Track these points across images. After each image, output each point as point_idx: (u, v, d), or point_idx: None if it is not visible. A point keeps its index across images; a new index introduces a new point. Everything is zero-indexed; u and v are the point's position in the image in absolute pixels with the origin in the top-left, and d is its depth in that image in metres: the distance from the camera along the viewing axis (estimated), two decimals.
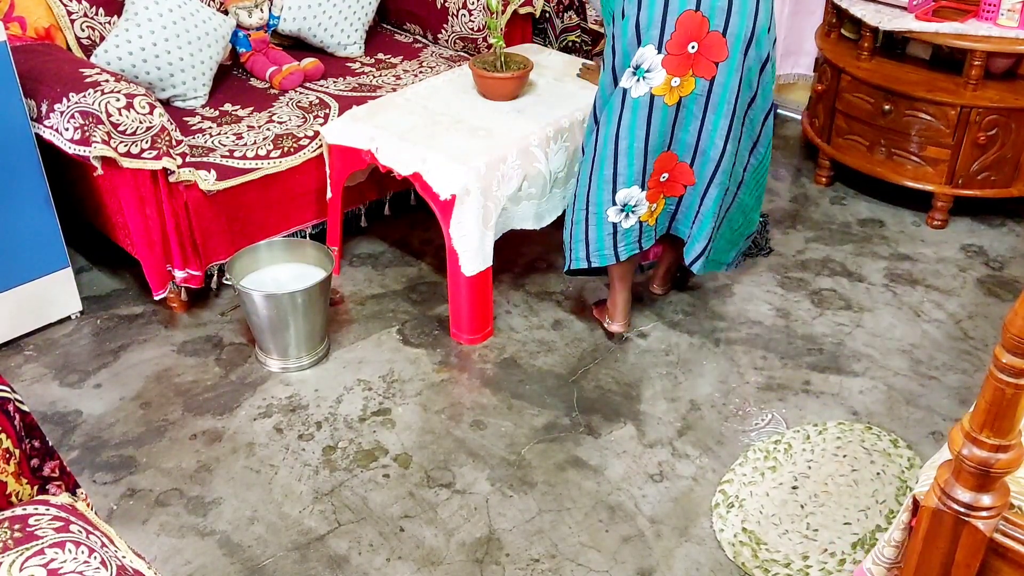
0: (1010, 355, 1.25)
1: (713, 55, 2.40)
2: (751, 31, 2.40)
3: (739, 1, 2.37)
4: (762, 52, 2.43)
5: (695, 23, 2.36)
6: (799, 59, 4.12)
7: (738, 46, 2.40)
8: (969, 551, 1.39)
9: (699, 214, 2.62)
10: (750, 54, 2.42)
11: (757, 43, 2.42)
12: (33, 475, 1.65)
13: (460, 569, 2.13)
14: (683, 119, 2.49)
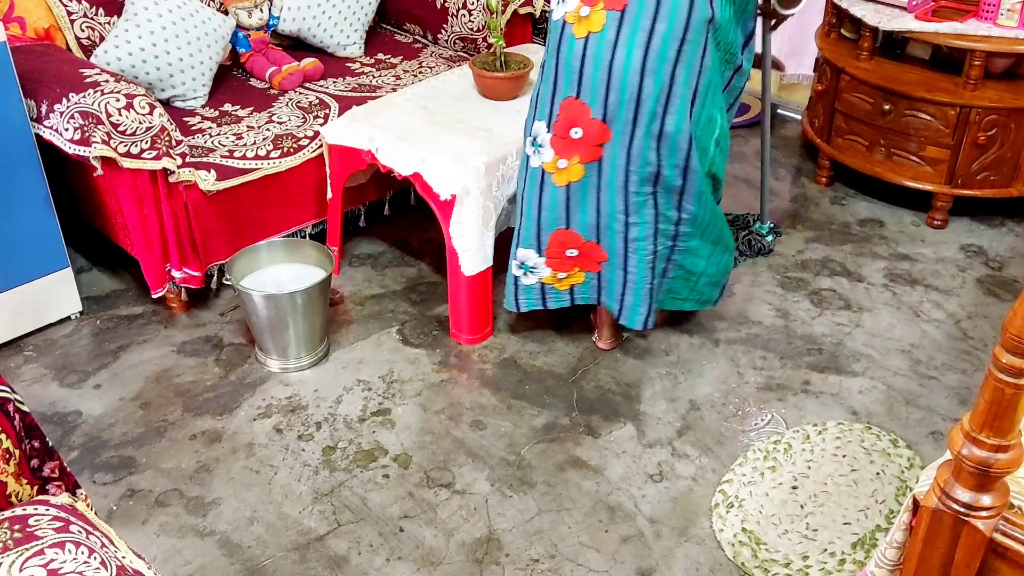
0: (1010, 355, 1.25)
1: (596, 139, 2.37)
2: (633, 113, 2.33)
3: (619, 86, 2.31)
4: (656, 127, 2.34)
5: (576, 110, 2.36)
6: (801, 59, 4.12)
7: (620, 127, 2.35)
8: (969, 551, 1.39)
9: (627, 285, 2.57)
10: (638, 134, 2.35)
11: (648, 120, 2.33)
12: (33, 475, 1.65)
13: (460, 569, 2.13)
14: (576, 201, 2.47)
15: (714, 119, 2.44)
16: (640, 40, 2.26)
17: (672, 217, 2.49)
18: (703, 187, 2.48)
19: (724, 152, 2.57)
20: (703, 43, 2.30)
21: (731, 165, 3.80)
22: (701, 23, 2.27)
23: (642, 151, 2.37)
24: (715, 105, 2.43)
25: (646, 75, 2.28)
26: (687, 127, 2.35)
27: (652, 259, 2.53)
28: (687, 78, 2.31)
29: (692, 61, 2.30)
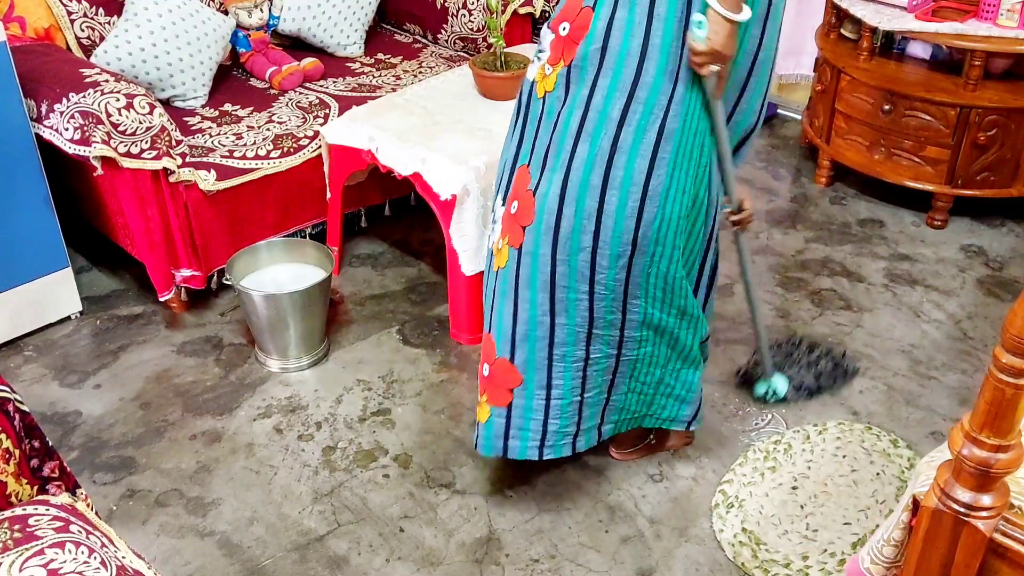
0: (1010, 355, 1.25)
1: (522, 218, 1.96)
2: (562, 184, 1.89)
3: (556, 151, 1.89)
4: (592, 204, 1.88)
5: (521, 179, 1.97)
6: (800, 59, 4.12)
7: (544, 206, 1.91)
8: (969, 551, 1.39)
9: (549, 406, 2.10)
10: (567, 212, 1.90)
11: (578, 200, 1.89)
12: (33, 475, 1.65)
13: (460, 569, 2.13)
14: (499, 296, 2.05)
15: (685, 189, 1.94)
16: (581, 98, 1.86)
17: (614, 321, 2.04)
18: (670, 283, 2.03)
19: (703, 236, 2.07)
20: (664, 103, 1.84)
21: None
22: (658, 77, 1.82)
23: (572, 234, 1.91)
24: (688, 173, 1.93)
25: (581, 139, 1.87)
26: (634, 206, 1.89)
27: (582, 368, 2.07)
28: (636, 144, 1.85)
29: (644, 124, 1.85)
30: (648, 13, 1.78)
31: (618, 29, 1.79)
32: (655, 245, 1.94)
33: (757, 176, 3.74)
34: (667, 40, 1.80)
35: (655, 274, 1.99)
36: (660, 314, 2.06)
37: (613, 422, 2.23)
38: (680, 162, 1.89)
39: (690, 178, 1.93)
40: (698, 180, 1.96)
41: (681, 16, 1.79)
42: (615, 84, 1.83)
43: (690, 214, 1.98)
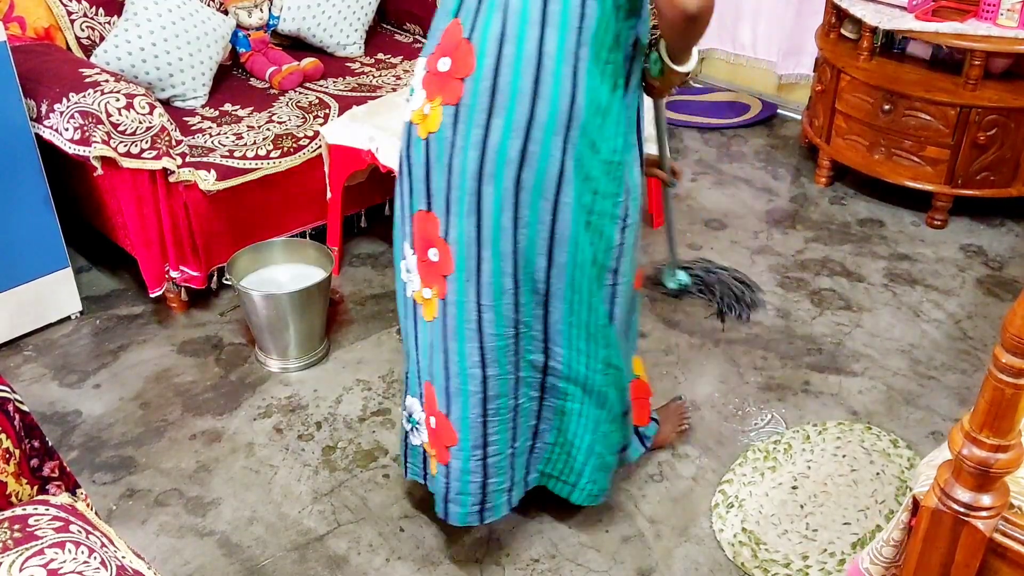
0: (1009, 355, 1.25)
1: (443, 268, 1.87)
2: (476, 229, 1.80)
3: (459, 196, 1.79)
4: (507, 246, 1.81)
5: (429, 225, 1.87)
6: (800, 59, 4.12)
7: (463, 253, 1.83)
8: (969, 551, 1.39)
9: (487, 467, 2.01)
10: (485, 256, 1.82)
11: (494, 243, 1.80)
12: (33, 475, 1.65)
13: (460, 569, 2.13)
14: (436, 348, 1.95)
15: (604, 232, 1.86)
16: (476, 139, 1.75)
17: (536, 362, 1.96)
18: (592, 333, 1.95)
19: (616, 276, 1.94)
20: (560, 144, 1.74)
21: (731, 165, 3.81)
22: (552, 117, 1.72)
23: (493, 278, 1.84)
24: (583, 219, 1.82)
25: (484, 181, 1.77)
26: (544, 246, 1.82)
27: (513, 417, 1.99)
28: (537, 185, 1.77)
29: (543, 166, 1.75)
30: (538, 50, 1.69)
31: (507, 66, 1.70)
32: (572, 292, 1.87)
33: (757, 176, 3.74)
34: (558, 77, 1.70)
35: (576, 323, 1.91)
36: (584, 370, 1.97)
37: (539, 472, 2.14)
38: (577, 208, 1.80)
39: (583, 225, 1.83)
40: (595, 229, 1.85)
41: (572, 51, 1.69)
42: (509, 124, 1.72)
43: (605, 260, 1.90)
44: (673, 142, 3.90)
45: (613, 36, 1.72)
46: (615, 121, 1.79)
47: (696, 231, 3.38)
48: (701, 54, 4.44)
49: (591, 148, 1.77)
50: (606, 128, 1.78)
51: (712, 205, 3.54)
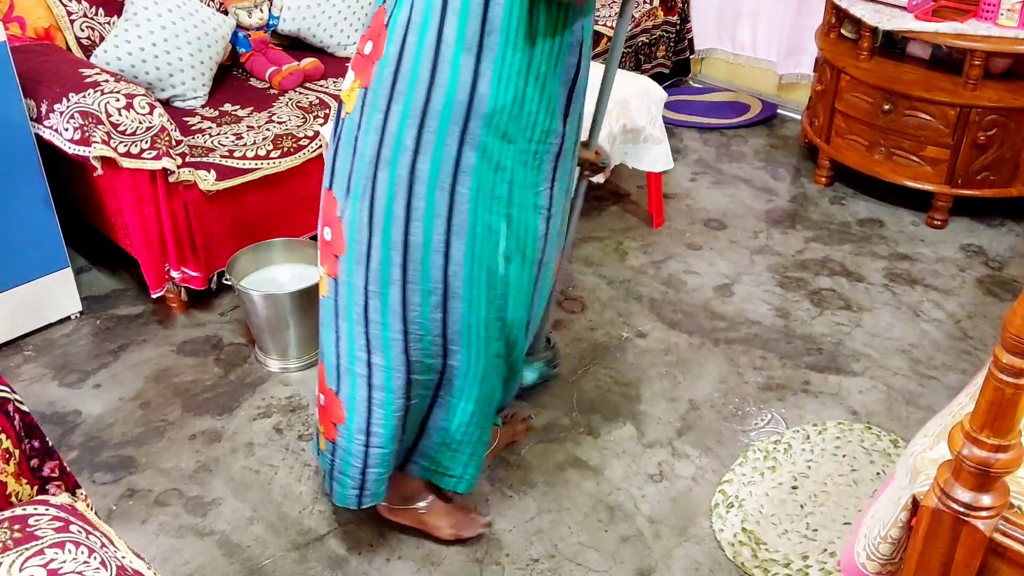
0: (1010, 355, 1.25)
1: (336, 247, 1.87)
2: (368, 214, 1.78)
3: (357, 179, 1.78)
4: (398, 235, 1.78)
5: (328, 204, 1.89)
6: (800, 59, 4.13)
7: (354, 235, 1.82)
8: (969, 551, 1.39)
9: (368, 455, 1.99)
10: (375, 243, 1.80)
11: (384, 229, 1.78)
12: (33, 475, 1.65)
13: (460, 569, 2.13)
14: (322, 322, 2.00)
15: (496, 229, 1.81)
16: (376, 123, 1.74)
17: (434, 367, 1.93)
18: (492, 333, 1.92)
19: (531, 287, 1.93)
20: (457, 134, 1.71)
21: (731, 165, 3.81)
22: (447, 107, 1.69)
23: (382, 265, 1.81)
24: (492, 211, 1.79)
25: (380, 166, 1.75)
26: (440, 240, 1.78)
27: (403, 416, 1.97)
28: (433, 175, 1.74)
29: (439, 155, 1.72)
30: (436, 39, 1.67)
31: (409, 53, 1.69)
32: (470, 288, 1.83)
33: (756, 176, 3.74)
34: (456, 65, 1.67)
35: (476, 323, 1.87)
36: (482, 367, 1.94)
37: (422, 466, 2.10)
38: (483, 200, 1.76)
39: (502, 218, 1.80)
40: (518, 222, 1.83)
41: (475, 40, 1.66)
42: (407, 110, 1.71)
43: (511, 256, 1.85)
44: (673, 142, 3.90)
45: (530, 25, 1.68)
46: (534, 111, 1.76)
47: (696, 231, 3.38)
48: (701, 54, 4.45)
49: (502, 138, 1.74)
50: (522, 118, 1.75)
51: (712, 205, 3.54)
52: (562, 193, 1.93)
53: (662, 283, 3.09)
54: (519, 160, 1.79)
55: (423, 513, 2.18)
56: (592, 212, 3.47)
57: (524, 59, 1.70)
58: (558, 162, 1.87)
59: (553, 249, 1.99)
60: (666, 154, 3.20)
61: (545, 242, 1.93)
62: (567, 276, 3.11)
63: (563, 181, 1.92)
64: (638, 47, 4.03)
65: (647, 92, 3.09)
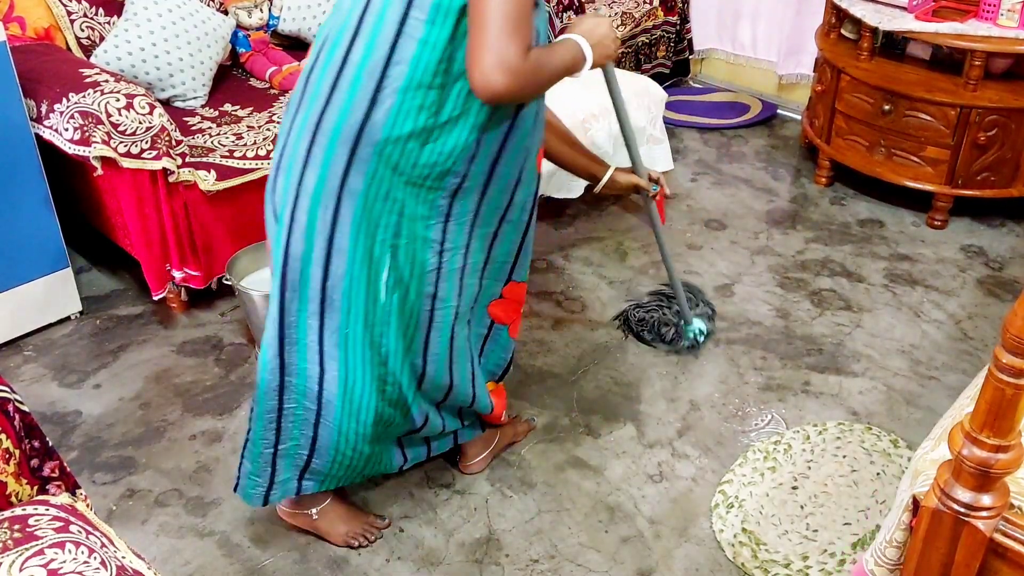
0: (1010, 355, 1.25)
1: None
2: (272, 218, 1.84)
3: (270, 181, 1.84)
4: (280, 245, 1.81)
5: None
6: (800, 59, 4.13)
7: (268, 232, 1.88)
8: (969, 551, 1.39)
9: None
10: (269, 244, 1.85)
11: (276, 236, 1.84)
12: (33, 475, 1.65)
13: (460, 569, 2.13)
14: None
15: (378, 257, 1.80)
16: (284, 130, 1.81)
17: (310, 372, 1.93)
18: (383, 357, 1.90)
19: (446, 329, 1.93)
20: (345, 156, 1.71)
21: (731, 165, 3.81)
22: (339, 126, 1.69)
23: (272, 270, 1.87)
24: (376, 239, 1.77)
25: (279, 172, 1.82)
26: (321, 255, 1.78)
27: (274, 418, 1.98)
28: (317, 191, 1.74)
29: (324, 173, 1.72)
30: (343, 58, 1.68)
31: (319, 67, 1.71)
32: (348, 302, 1.81)
33: (757, 176, 3.74)
34: (355, 88, 1.67)
35: (352, 337, 1.85)
36: (359, 389, 1.91)
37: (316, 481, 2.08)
38: (366, 226, 1.75)
39: (387, 248, 1.78)
40: (404, 253, 1.80)
41: (379, 66, 1.65)
42: (304, 122, 1.74)
43: (395, 287, 1.83)
44: (673, 142, 3.90)
45: (444, 61, 1.65)
46: (438, 147, 1.71)
47: (696, 231, 3.38)
48: (701, 54, 4.45)
49: (393, 169, 1.71)
50: (423, 153, 1.71)
51: (712, 205, 3.54)
52: (463, 229, 1.85)
53: (662, 283, 3.08)
54: (410, 193, 1.76)
55: (316, 519, 2.16)
56: (592, 212, 3.47)
57: (433, 95, 1.67)
58: (454, 199, 1.81)
59: (452, 287, 1.90)
60: (666, 154, 3.20)
61: (438, 276, 1.87)
62: (567, 276, 3.11)
63: (463, 217, 1.84)
64: (638, 47, 4.03)
65: (647, 92, 3.09)
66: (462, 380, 2.07)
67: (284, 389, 1.93)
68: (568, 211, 3.44)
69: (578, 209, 3.46)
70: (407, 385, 1.96)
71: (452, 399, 2.09)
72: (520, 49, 1.54)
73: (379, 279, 1.81)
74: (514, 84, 1.55)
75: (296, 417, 1.96)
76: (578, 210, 3.46)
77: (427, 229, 1.81)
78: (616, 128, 2.97)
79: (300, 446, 2.00)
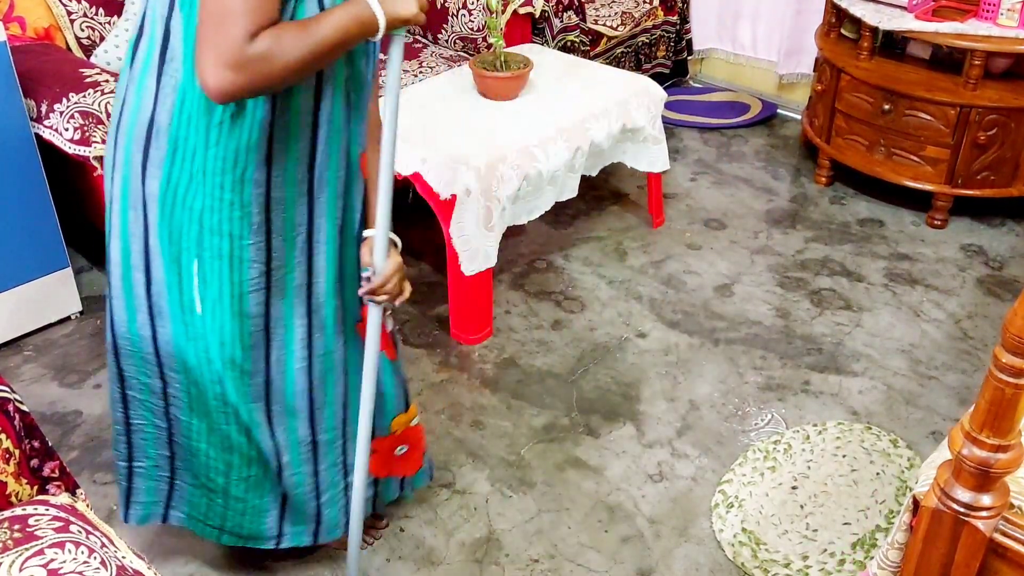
0: (1010, 355, 1.25)
1: None
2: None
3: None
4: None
5: None
6: (800, 58, 4.12)
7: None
8: (969, 551, 1.39)
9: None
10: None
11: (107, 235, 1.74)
12: (33, 475, 1.65)
13: (460, 569, 2.13)
14: None
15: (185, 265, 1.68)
16: (111, 131, 1.73)
17: (152, 386, 1.82)
18: (195, 361, 1.75)
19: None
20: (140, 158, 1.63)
21: (731, 165, 3.81)
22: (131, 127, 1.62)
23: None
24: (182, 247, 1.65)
25: (106, 175, 1.76)
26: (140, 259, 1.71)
27: (123, 430, 1.89)
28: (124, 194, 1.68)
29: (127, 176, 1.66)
30: (131, 56, 1.61)
31: (124, 70, 1.66)
32: (179, 311, 1.72)
33: (757, 176, 3.74)
34: (140, 88, 1.59)
35: (186, 349, 1.74)
36: (206, 407, 1.80)
37: (185, 512, 1.98)
38: (168, 233, 1.65)
39: (193, 257, 1.66)
40: (210, 267, 1.66)
41: (156, 65, 1.56)
42: (113, 125, 1.68)
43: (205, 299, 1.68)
44: (673, 142, 3.90)
45: None
46: (220, 150, 1.56)
47: (696, 231, 3.38)
48: (701, 54, 4.45)
49: (188, 175, 1.59)
50: (208, 157, 1.57)
51: (712, 205, 3.54)
52: (295, 244, 1.68)
53: (662, 283, 3.09)
54: (208, 205, 1.60)
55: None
56: (592, 212, 3.47)
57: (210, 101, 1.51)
58: (271, 213, 1.63)
59: (291, 306, 1.73)
60: (663, 154, 3.20)
61: (267, 296, 1.69)
62: (567, 276, 3.12)
63: (291, 232, 1.67)
64: (638, 47, 4.03)
65: (647, 92, 3.09)
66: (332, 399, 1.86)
67: (128, 403, 1.85)
68: (568, 211, 3.44)
69: (577, 209, 3.46)
70: (245, 411, 1.78)
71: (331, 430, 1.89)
72: (236, 38, 1.35)
73: (191, 288, 1.68)
74: (238, 79, 1.38)
75: (147, 435, 1.88)
76: (578, 210, 3.46)
77: (242, 249, 1.64)
78: (616, 128, 2.97)
79: (158, 466, 1.92)
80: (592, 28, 3.78)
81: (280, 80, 1.44)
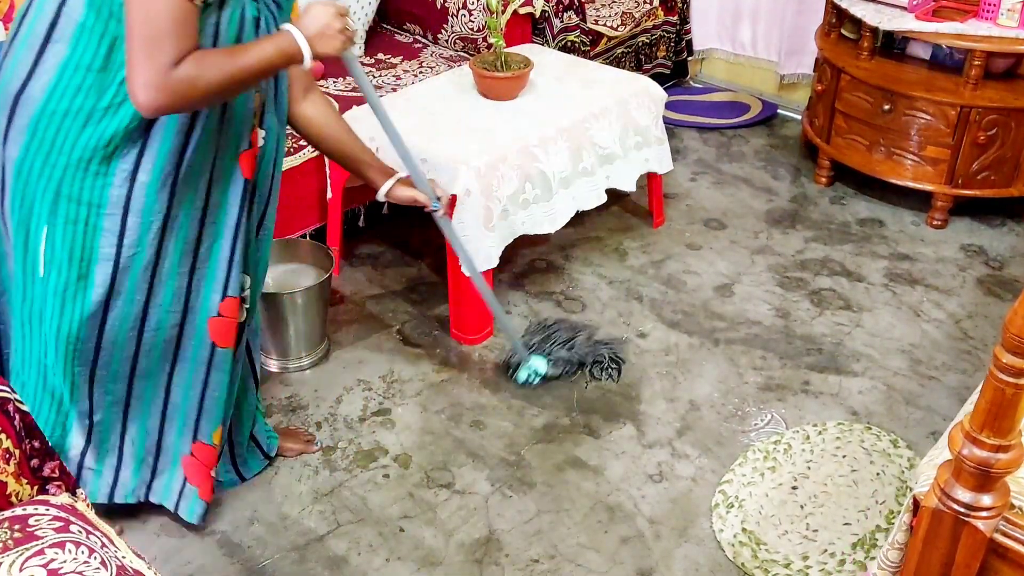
0: (1010, 355, 1.25)
1: None
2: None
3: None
4: None
5: None
6: (800, 59, 4.12)
7: None
8: (969, 551, 1.39)
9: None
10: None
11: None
12: (33, 475, 1.65)
13: (459, 569, 2.13)
14: None
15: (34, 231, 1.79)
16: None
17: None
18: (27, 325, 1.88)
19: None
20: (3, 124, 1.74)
21: (731, 165, 3.81)
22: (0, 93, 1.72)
23: None
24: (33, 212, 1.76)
25: None
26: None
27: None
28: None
29: None
30: (19, 22, 1.70)
31: (11, 29, 1.74)
32: (22, 273, 1.84)
33: (757, 176, 3.74)
34: (18, 56, 1.69)
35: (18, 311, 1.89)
36: (34, 360, 1.93)
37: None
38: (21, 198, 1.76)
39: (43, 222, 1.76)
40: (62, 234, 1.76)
41: (42, 35, 1.66)
42: None
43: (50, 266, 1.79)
44: (673, 142, 3.90)
45: (105, 46, 1.64)
46: (99, 130, 1.68)
47: (696, 231, 3.38)
48: (701, 54, 4.45)
49: (51, 144, 1.69)
50: (83, 134, 1.68)
51: (712, 205, 3.54)
52: (149, 226, 1.78)
53: (662, 283, 3.09)
54: (71, 174, 1.72)
55: None
56: (592, 212, 3.47)
57: (92, 81, 1.66)
58: (132, 192, 1.74)
59: (135, 284, 1.84)
60: (666, 155, 3.20)
61: (115, 269, 1.80)
62: (567, 276, 3.11)
63: (149, 215, 1.77)
64: (638, 47, 4.03)
65: (647, 92, 3.09)
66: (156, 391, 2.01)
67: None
68: None
69: None
70: (65, 382, 1.90)
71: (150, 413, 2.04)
72: (161, 66, 1.52)
73: (37, 253, 1.78)
74: (164, 100, 1.55)
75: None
76: None
77: (98, 217, 1.75)
78: (620, 128, 2.97)
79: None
80: (592, 28, 3.78)
81: (203, 100, 1.62)
